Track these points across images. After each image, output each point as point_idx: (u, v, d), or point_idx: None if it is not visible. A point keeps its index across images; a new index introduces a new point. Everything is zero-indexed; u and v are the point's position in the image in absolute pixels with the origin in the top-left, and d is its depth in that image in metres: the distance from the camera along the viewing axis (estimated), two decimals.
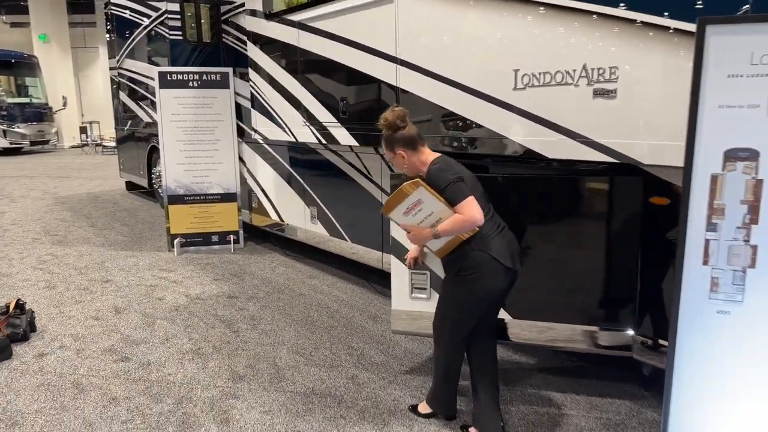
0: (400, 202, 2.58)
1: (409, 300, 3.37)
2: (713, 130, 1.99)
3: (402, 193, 2.56)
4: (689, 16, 2.32)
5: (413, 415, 3.10)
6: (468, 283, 2.63)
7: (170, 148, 6.41)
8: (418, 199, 2.54)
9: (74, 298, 5.00)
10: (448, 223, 2.53)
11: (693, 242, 2.07)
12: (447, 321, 2.80)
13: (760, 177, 1.97)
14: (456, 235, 2.58)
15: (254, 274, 5.69)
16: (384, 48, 3.85)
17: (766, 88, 1.91)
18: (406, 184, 2.54)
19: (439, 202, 2.53)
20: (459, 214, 2.51)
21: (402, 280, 3.39)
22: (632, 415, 3.10)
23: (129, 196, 10.53)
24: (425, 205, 2.55)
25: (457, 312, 2.75)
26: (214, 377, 3.56)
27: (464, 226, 2.52)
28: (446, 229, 2.55)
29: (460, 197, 2.52)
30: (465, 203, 2.50)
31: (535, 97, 2.94)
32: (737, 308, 2.07)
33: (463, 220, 2.50)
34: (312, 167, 5.47)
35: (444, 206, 2.53)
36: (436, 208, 2.54)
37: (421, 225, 2.63)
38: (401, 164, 2.75)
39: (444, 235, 2.58)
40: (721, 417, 2.16)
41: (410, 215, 2.60)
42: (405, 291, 3.39)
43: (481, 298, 2.67)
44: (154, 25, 7.06)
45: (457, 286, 2.70)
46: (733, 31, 1.92)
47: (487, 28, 3.17)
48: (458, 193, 2.53)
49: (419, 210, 2.56)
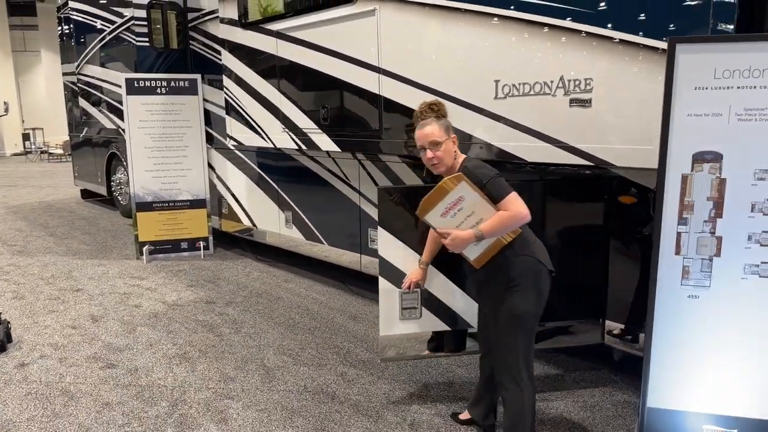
0: (439, 201, 2.33)
1: (399, 323, 3.13)
2: (683, 135, 2.25)
3: (442, 189, 2.31)
4: (657, 34, 2.60)
5: (405, 406, 3.26)
6: (528, 291, 2.39)
7: (138, 154, 6.36)
8: (459, 197, 2.30)
9: (46, 308, 4.92)
10: (492, 221, 2.29)
11: (666, 235, 2.33)
12: (520, 342, 2.44)
13: (723, 176, 2.25)
14: (498, 238, 2.36)
15: (229, 279, 5.72)
16: (366, 58, 4.02)
17: (727, 98, 2.19)
18: (446, 179, 2.31)
19: (482, 200, 2.30)
20: (504, 211, 2.29)
21: (391, 301, 3.11)
22: (605, 397, 3.36)
23: (85, 205, 10.27)
24: (466, 203, 2.31)
25: (530, 325, 2.45)
26: (205, 379, 3.62)
27: (511, 223, 2.30)
28: (492, 228, 2.30)
29: (504, 192, 2.30)
30: (510, 198, 2.29)
31: (515, 105, 3.18)
32: (705, 292, 2.34)
33: (510, 216, 2.28)
34: (288, 173, 5.57)
35: (486, 203, 2.31)
36: (477, 206, 2.31)
37: (460, 227, 2.36)
38: (450, 151, 2.47)
39: (488, 236, 2.32)
40: (694, 390, 2.42)
41: (448, 216, 2.35)
42: (394, 314, 3.12)
43: (541, 305, 2.44)
44: (119, 31, 6.98)
45: (518, 297, 2.40)
46: (699, 50, 2.19)
47: (470, 41, 3.39)
48: (501, 188, 2.31)
49: (459, 209, 2.33)
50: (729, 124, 2.21)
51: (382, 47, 3.90)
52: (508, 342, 2.45)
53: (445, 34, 3.52)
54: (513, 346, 2.44)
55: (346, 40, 4.19)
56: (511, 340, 2.44)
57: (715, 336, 2.36)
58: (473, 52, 3.38)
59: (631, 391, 3.41)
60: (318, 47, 4.42)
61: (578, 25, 2.84)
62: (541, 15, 3.00)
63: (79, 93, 8.80)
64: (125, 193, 8.57)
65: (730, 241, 2.28)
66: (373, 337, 4.24)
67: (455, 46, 3.47)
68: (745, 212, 2.25)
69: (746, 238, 2.27)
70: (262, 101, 5.14)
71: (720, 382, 2.39)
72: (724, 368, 2.37)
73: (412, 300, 3.13)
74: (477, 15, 3.32)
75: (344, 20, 4.14)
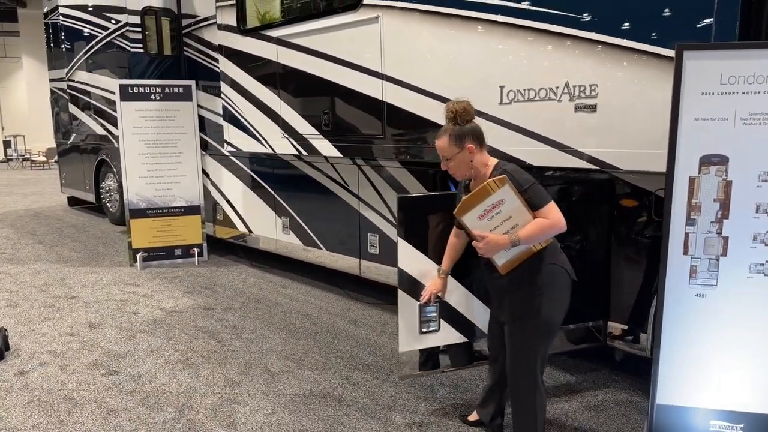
0: (480, 202, 2.30)
1: (419, 337, 3.06)
2: (690, 139, 2.33)
3: (485, 190, 2.28)
4: (660, 41, 2.68)
5: (413, 409, 3.29)
6: (554, 299, 2.41)
7: (131, 161, 6.33)
8: (500, 200, 2.28)
9: (42, 316, 4.86)
10: (531, 228, 2.28)
11: (675, 235, 2.40)
12: (541, 349, 2.47)
13: (729, 178, 2.33)
14: (529, 246, 2.36)
15: (225, 285, 5.71)
16: (369, 65, 4.07)
17: (733, 103, 2.27)
18: (490, 180, 2.29)
19: (522, 206, 2.29)
20: (543, 219, 2.29)
21: (411, 315, 3.02)
22: (608, 397, 3.42)
23: (73, 212, 10.15)
24: (505, 207, 2.29)
25: (553, 332, 2.48)
26: (210, 385, 3.61)
27: (550, 231, 2.30)
28: (529, 235, 2.29)
29: (543, 200, 2.30)
30: (550, 206, 2.30)
31: (520, 111, 3.25)
32: (712, 291, 2.41)
33: (549, 224, 2.28)
34: (285, 178, 5.59)
35: (526, 211, 2.29)
36: (516, 211, 2.29)
37: (495, 231, 2.34)
38: (465, 162, 2.45)
39: (525, 242, 2.31)
40: (702, 387, 2.49)
41: (485, 219, 2.33)
42: (414, 328, 3.04)
43: (564, 313, 2.47)
44: (113, 37, 6.96)
45: (545, 305, 2.41)
46: (706, 56, 2.28)
47: (475, 48, 3.45)
48: (542, 195, 2.31)
49: (497, 213, 2.30)
50: (734, 128, 2.29)
51: (385, 54, 3.95)
52: (530, 348, 2.47)
53: (449, 41, 3.58)
54: (534, 352, 2.46)
55: (348, 46, 4.23)
56: (533, 347, 2.46)
57: (722, 333, 2.43)
58: (478, 58, 3.44)
59: (633, 390, 3.47)
60: (319, 54, 4.46)
61: (582, 32, 2.92)
62: (546, 23, 3.08)
63: (69, 99, 8.72)
64: (115, 201, 8.49)
65: (736, 241, 2.36)
66: (375, 341, 4.27)
67: (459, 52, 3.54)
68: (750, 213, 2.33)
69: (751, 238, 2.34)
70: (261, 107, 5.16)
71: (727, 378, 2.46)
72: (731, 365, 2.44)
73: (431, 312, 3.06)
74: (481, 23, 3.38)
75: (347, 27, 4.19)
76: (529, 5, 3.15)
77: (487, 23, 3.35)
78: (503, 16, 3.27)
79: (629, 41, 2.76)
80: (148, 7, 6.60)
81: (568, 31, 2.98)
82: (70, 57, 8.25)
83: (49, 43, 9.63)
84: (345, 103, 4.37)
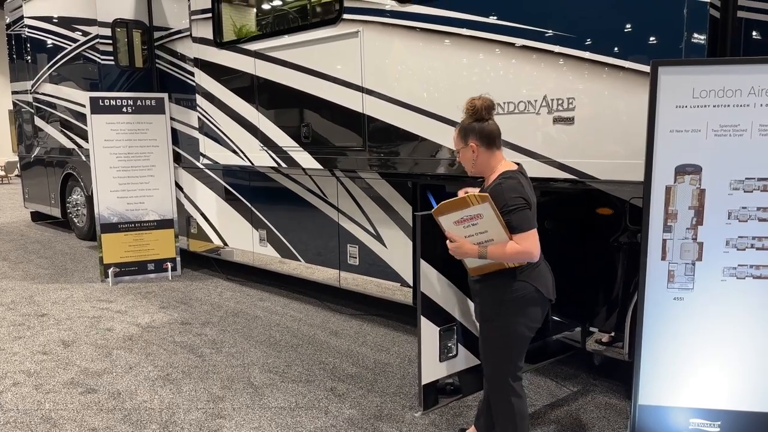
0: (456, 210, 2.36)
1: (440, 365, 2.98)
2: (666, 149, 2.45)
3: (464, 202, 2.33)
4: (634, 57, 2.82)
5: (399, 418, 3.31)
6: (518, 315, 2.41)
7: (102, 174, 6.21)
8: (478, 214, 2.33)
9: (12, 335, 4.71)
10: (500, 248, 2.31)
11: (653, 241, 2.51)
12: (508, 357, 2.48)
13: (703, 187, 2.46)
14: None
15: (201, 300, 5.64)
16: (349, 78, 4.12)
17: (704, 116, 2.41)
18: (473, 194, 2.34)
19: (499, 225, 2.32)
20: (516, 244, 2.30)
21: (432, 343, 2.93)
22: (588, 400, 3.52)
23: (37, 227, 9.86)
24: (483, 222, 2.33)
25: (519, 345, 2.47)
26: (193, 400, 3.56)
27: (517, 257, 2.32)
28: (497, 254, 2.33)
29: (524, 227, 2.30)
30: (527, 235, 2.30)
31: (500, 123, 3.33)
32: (689, 294, 2.53)
33: (518, 251, 2.30)
34: (262, 191, 5.58)
35: (502, 230, 2.32)
36: (493, 227, 2.33)
37: (468, 238, 2.38)
38: (469, 159, 2.47)
39: (492, 259, 2.36)
40: (681, 386, 2.60)
41: (461, 226, 2.38)
42: (434, 357, 2.95)
43: (531, 330, 2.46)
44: (82, 49, 6.84)
45: (509, 319, 2.43)
46: (679, 72, 2.41)
47: (454, 62, 3.54)
48: (524, 221, 2.31)
49: (474, 224, 2.35)
50: (707, 139, 2.42)
51: (365, 67, 4.01)
52: (496, 352, 2.50)
53: (430, 55, 3.66)
54: (500, 357, 2.49)
55: (328, 60, 4.28)
56: (498, 351, 2.49)
57: (699, 335, 2.55)
58: (458, 72, 3.53)
59: (611, 393, 3.58)
60: (299, 67, 4.49)
61: (561, 48, 3.04)
62: (525, 39, 3.19)
63: (34, 112, 8.50)
64: (82, 215, 8.30)
65: (710, 246, 2.49)
66: (357, 351, 4.28)
67: (440, 67, 3.62)
68: (723, 219, 2.46)
69: (725, 243, 2.47)
70: (238, 120, 5.15)
71: (705, 377, 2.57)
72: (709, 364, 2.56)
73: (451, 338, 2.99)
74: (461, 38, 3.48)
75: (327, 41, 4.24)
76: (509, 22, 3.26)
77: (467, 39, 3.45)
78: (482, 32, 3.38)
79: (605, 57, 2.88)
80: (119, 19, 6.54)
81: (547, 47, 3.10)
82: (36, 69, 8.07)
83: (11, 55, 9.40)
84: (325, 115, 4.41)
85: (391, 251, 4.53)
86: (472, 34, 3.42)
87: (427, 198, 4.44)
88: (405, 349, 4.32)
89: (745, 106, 2.37)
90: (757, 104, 2.36)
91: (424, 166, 3.88)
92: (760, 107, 2.36)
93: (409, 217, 4.35)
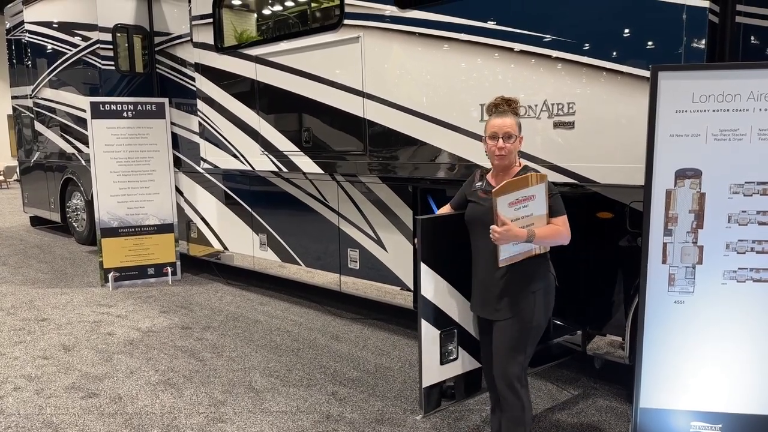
0: (517, 189, 2.34)
1: (440, 369, 2.98)
2: (666, 154, 2.47)
3: (526, 181, 2.35)
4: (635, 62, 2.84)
5: (401, 421, 3.32)
6: (542, 304, 2.50)
7: (103, 179, 6.22)
8: (533, 195, 2.36)
9: (12, 339, 4.71)
10: (548, 230, 2.41)
11: (654, 245, 2.53)
12: (527, 353, 2.54)
13: (703, 191, 2.47)
14: (532, 248, 2.45)
15: (202, 304, 5.64)
16: (350, 83, 4.14)
17: (704, 120, 2.43)
18: (534, 173, 2.41)
19: (545, 208, 2.41)
20: (558, 226, 2.43)
21: (433, 347, 2.92)
22: (588, 404, 3.53)
23: (36, 232, 9.86)
24: (533, 204, 2.37)
25: (538, 337, 2.55)
26: (195, 404, 3.56)
27: (560, 239, 2.43)
28: (545, 235, 2.40)
29: (562, 210, 2.47)
30: (565, 218, 2.47)
31: None
32: (690, 298, 2.55)
33: (562, 233, 2.42)
34: (263, 195, 5.59)
35: (545, 213, 2.41)
36: (540, 211, 2.40)
37: (515, 222, 2.38)
38: (516, 149, 2.54)
39: (539, 241, 2.41)
40: (682, 389, 2.61)
41: (513, 208, 2.36)
42: (435, 360, 2.96)
43: (548, 319, 2.57)
44: (83, 54, 6.86)
45: (537, 307, 2.49)
46: (679, 77, 2.43)
47: (455, 67, 3.56)
48: (562, 205, 2.48)
49: (524, 206, 2.36)
50: (706, 143, 2.44)
51: (366, 72, 4.03)
52: (517, 352, 2.50)
53: (431, 60, 3.68)
54: (520, 356, 2.51)
55: (329, 65, 4.30)
56: (520, 351, 2.51)
57: (700, 338, 2.56)
58: (459, 77, 3.55)
59: (612, 397, 3.59)
60: (300, 72, 4.51)
61: (561, 53, 3.06)
62: (525, 44, 3.21)
63: (34, 117, 8.52)
64: (82, 220, 8.30)
65: (710, 250, 2.50)
66: (358, 355, 4.28)
67: (441, 71, 3.64)
68: (723, 223, 2.47)
69: (725, 247, 2.49)
70: (239, 124, 5.17)
71: (706, 380, 2.58)
72: (709, 367, 2.57)
73: (451, 341, 2.98)
74: (461, 43, 3.50)
75: (328, 46, 4.26)
76: (509, 27, 3.28)
77: (468, 44, 3.47)
78: (483, 37, 3.40)
79: (605, 62, 2.90)
80: (119, 24, 6.56)
81: (547, 51, 3.12)
82: (36, 74, 8.08)
83: (11, 60, 9.42)
84: (326, 120, 4.42)
85: (392, 255, 4.54)
86: (472, 40, 3.44)
87: (429, 203, 4.46)
88: (406, 353, 4.32)
89: (744, 111, 2.39)
90: (756, 109, 2.38)
91: (425, 170, 3.90)
92: (760, 112, 2.38)
93: (409, 221, 4.36)
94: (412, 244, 4.37)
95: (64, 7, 7.22)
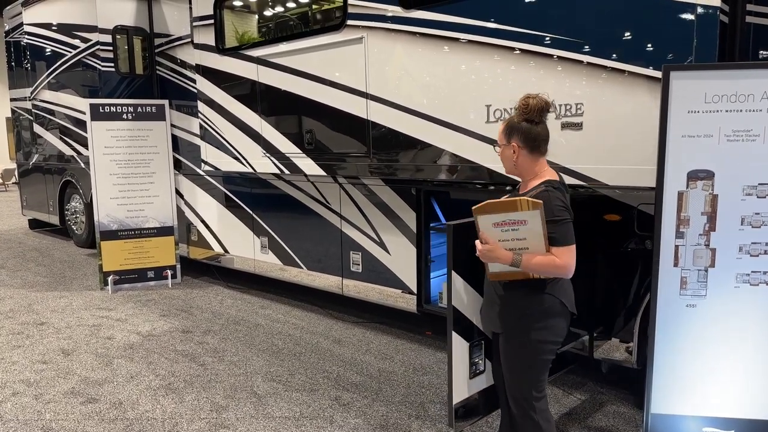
0: (503, 212, 2.17)
1: (469, 382, 2.82)
2: (678, 155, 2.43)
3: (514, 205, 2.14)
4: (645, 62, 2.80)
5: (405, 427, 3.27)
6: (542, 329, 2.28)
7: (102, 181, 6.17)
8: (523, 220, 2.15)
9: (11, 344, 4.65)
10: (538, 261, 2.16)
11: (665, 248, 2.48)
12: (531, 373, 2.35)
13: (715, 192, 2.43)
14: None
15: (202, 308, 5.59)
16: (354, 84, 4.10)
17: (717, 121, 2.39)
18: (526, 198, 2.14)
19: (541, 235, 2.15)
20: (554, 257, 2.16)
21: (463, 360, 2.74)
22: (596, 409, 3.48)
23: (35, 235, 9.79)
24: (525, 228, 2.16)
25: (543, 358, 2.34)
26: (196, 410, 3.51)
27: (553, 272, 2.19)
28: (533, 266, 2.18)
29: (566, 241, 2.18)
30: (568, 249, 2.17)
31: None
32: (702, 302, 2.50)
33: (556, 265, 2.16)
34: (264, 198, 5.54)
35: (543, 241, 2.16)
36: (533, 238, 2.16)
37: (502, 243, 2.21)
38: (508, 158, 2.33)
39: (525, 270, 2.21)
40: (694, 395, 2.56)
41: (499, 228, 2.19)
42: (464, 375, 2.78)
43: (556, 343, 2.34)
44: (82, 56, 6.81)
45: (533, 331, 2.29)
46: (691, 77, 2.39)
47: (461, 67, 3.52)
48: (567, 235, 2.18)
49: (514, 229, 2.17)
50: (719, 144, 2.40)
51: (370, 73, 3.99)
52: (518, 374, 2.37)
53: (436, 61, 3.64)
54: (522, 370, 2.36)
55: (332, 66, 4.26)
56: (520, 373, 2.36)
57: (712, 342, 2.51)
58: (464, 78, 3.51)
59: (620, 402, 3.54)
60: (302, 73, 4.47)
61: (569, 53, 3.02)
62: (533, 44, 3.17)
63: (33, 119, 8.46)
64: (81, 223, 8.24)
65: (723, 253, 2.46)
66: (361, 360, 4.23)
67: (446, 72, 3.60)
68: (736, 225, 2.43)
69: (737, 249, 2.45)
70: (241, 126, 5.12)
71: (718, 385, 2.54)
72: (721, 373, 2.53)
73: (477, 350, 2.78)
74: (467, 43, 3.46)
75: (331, 47, 4.22)
76: (517, 27, 3.24)
77: (473, 44, 3.43)
78: (489, 38, 3.36)
79: (614, 62, 2.87)
80: (119, 25, 6.52)
81: (555, 52, 3.08)
82: (35, 76, 8.03)
83: (10, 62, 9.37)
84: (329, 122, 4.38)
85: (395, 258, 4.49)
86: (477, 40, 3.40)
87: (432, 205, 4.41)
88: (409, 357, 4.28)
89: (757, 111, 2.35)
90: None
91: (429, 172, 3.85)
92: None
93: (412, 224, 4.32)
94: (415, 248, 4.33)
95: (63, 8, 7.17)
